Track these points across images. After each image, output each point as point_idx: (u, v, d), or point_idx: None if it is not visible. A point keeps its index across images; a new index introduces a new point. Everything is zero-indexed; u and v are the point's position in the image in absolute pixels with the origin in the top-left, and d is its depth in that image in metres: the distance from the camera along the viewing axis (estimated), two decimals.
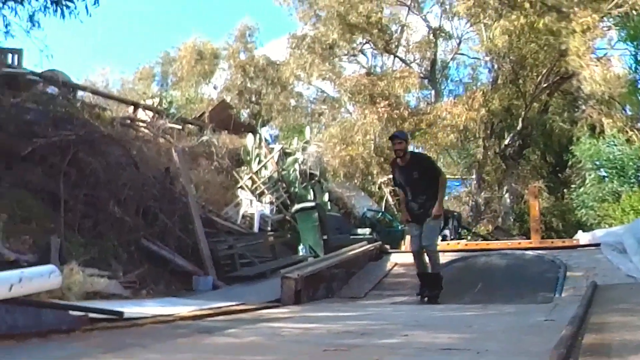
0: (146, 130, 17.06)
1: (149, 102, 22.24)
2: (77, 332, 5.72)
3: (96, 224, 11.23)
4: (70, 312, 6.01)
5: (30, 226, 10.44)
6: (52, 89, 14.70)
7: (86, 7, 10.91)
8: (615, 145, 20.76)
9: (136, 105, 19.90)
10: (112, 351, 4.96)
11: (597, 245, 12.59)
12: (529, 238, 15.54)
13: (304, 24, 26.52)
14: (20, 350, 4.83)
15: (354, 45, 26.32)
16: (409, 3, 26.09)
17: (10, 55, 14.31)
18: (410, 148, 25.89)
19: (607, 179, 21.06)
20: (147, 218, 12.17)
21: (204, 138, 19.21)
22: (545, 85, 24.60)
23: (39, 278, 2.66)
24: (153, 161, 14.26)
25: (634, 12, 20.56)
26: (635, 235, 11.65)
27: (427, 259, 10.00)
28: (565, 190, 26.01)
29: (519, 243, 14.59)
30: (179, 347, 5.43)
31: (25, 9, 10.88)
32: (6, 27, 11.01)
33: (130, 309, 7.02)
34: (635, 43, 21.85)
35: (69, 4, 10.77)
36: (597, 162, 21.40)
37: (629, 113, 24.08)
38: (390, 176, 23.50)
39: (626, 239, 11.79)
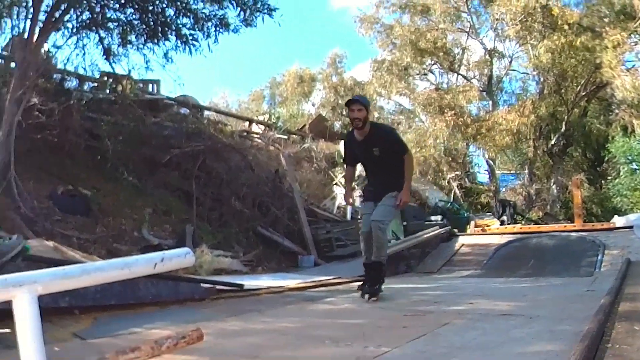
0: (259, 140, 17.26)
1: (260, 118, 22.49)
2: (207, 300, 5.80)
3: (221, 216, 11.50)
4: (202, 284, 6.12)
5: (170, 218, 10.83)
6: (184, 110, 15.03)
7: (208, 45, 11.07)
8: None
9: (250, 121, 20.12)
10: (234, 315, 5.04)
11: (631, 227, 12.23)
12: (573, 222, 15.10)
13: (383, 50, 26.70)
14: (162, 314, 4.94)
15: (424, 66, 26.25)
16: (468, 30, 25.89)
17: (150, 85, 14.71)
18: (472, 149, 26.03)
19: (638, 171, 20.74)
20: (262, 210, 12.33)
21: (305, 145, 19.27)
22: (583, 93, 24.14)
23: (177, 258, 2.71)
24: (265, 165, 14.39)
25: None
26: None
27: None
28: (602, 181, 25.66)
29: (565, 226, 14.19)
30: (288, 312, 5.47)
31: (161, 48, 11.13)
32: (146, 63, 11.30)
33: (249, 282, 7.08)
34: None
35: (195, 43, 10.95)
36: (630, 157, 21.14)
37: None
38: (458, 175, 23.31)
39: None
